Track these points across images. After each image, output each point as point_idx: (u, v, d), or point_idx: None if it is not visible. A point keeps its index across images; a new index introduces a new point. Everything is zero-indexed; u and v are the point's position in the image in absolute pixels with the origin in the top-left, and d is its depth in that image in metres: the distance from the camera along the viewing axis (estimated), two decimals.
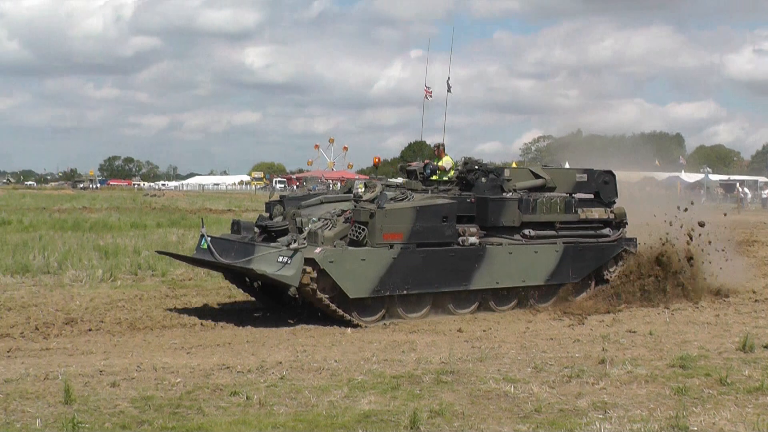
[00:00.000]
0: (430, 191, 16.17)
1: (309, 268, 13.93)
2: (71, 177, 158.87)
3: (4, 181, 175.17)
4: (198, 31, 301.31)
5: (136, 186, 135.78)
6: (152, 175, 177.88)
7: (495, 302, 16.22)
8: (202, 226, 16.06)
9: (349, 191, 16.12)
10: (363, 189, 15.89)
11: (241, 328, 14.38)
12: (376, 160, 17.86)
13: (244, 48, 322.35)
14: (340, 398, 9.27)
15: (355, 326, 14.40)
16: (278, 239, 14.79)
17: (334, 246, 14.38)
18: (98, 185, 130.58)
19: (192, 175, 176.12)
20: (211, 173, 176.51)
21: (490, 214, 16.06)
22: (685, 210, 18.96)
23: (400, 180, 17.32)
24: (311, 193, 17.27)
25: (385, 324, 14.78)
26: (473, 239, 15.68)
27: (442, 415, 8.67)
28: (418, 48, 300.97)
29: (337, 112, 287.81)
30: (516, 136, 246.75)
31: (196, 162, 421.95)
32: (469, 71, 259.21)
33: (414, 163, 17.87)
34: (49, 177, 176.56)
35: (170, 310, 15.74)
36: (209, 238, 15.49)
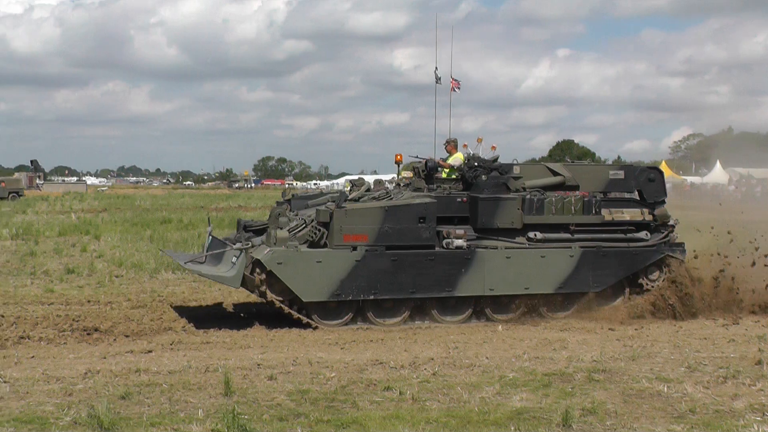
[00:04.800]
0: (425, 189, 15.16)
1: (258, 270, 13.60)
2: (227, 177, 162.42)
3: (164, 181, 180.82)
4: (348, 34, 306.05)
5: (288, 185, 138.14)
6: (304, 175, 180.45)
7: (492, 310, 14.88)
8: (209, 225, 15.79)
9: (368, 191, 15.24)
10: (349, 187, 15.30)
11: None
12: (398, 157, 16.63)
13: (392, 50, 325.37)
14: (491, 395, 9.32)
15: (315, 329, 13.88)
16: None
17: (286, 247, 13.77)
18: (253, 185, 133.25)
19: (342, 174, 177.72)
20: (361, 173, 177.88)
21: (481, 215, 14.74)
22: None
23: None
24: (321, 193, 16.52)
25: (355, 328, 14.10)
26: (459, 242, 14.44)
27: (595, 414, 8.64)
28: (565, 47, 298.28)
29: (485, 112, 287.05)
30: (665, 134, 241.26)
31: (347, 162, 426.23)
32: (616, 70, 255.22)
33: (425, 160, 16.24)
34: (206, 177, 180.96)
35: None
36: (210, 238, 15.36)
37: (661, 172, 16.30)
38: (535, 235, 14.98)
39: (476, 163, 15.37)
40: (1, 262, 22.38)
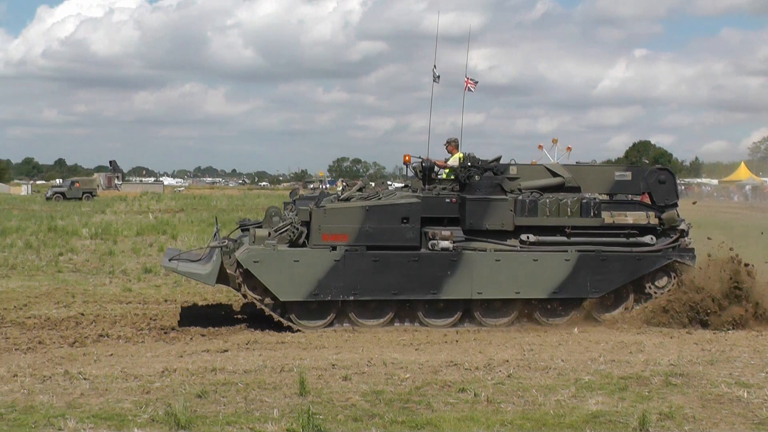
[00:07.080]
0: (419, 190, 14.82)
1: (237, 269, 13.61)
2: (302, 177, 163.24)
3: (240, 182, 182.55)
4: (422, 35, 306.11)
5: None
6: (379, 176, 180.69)
7: (482, 314, 14.42)
8: (216, 224, 15.91)
9: (360, 190, 15.06)
10: (341, 187, 15.13)
11: (466, 325, 14.43)
12: (406, 158, 16.19)
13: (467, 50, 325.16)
14: (567, 398, 9.24)
15: (295, 331, 13.73)
16: None
17: (264, 245, 13.70)
18: (328, 185, 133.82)
19: None
20: None
21: (469, 216, 14.26)
22: None
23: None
24: (329, 193, 16.09)
25: (333, 329, 13.96)
26: (445, 243, 14.02)
27: (672, 418, 8.52)
28: (641, 47, 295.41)
29: (560, 113, 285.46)
30: (744, 135, 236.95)
31: None
32: (693, 70, 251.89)
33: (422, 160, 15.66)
34: (281, 178, 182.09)
35: None
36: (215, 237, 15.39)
37: (672, 174, 15.55)
38: (528, 237, 14.46)
39: (469, 164, 14.82)
40: (81, 261, 22.84)
